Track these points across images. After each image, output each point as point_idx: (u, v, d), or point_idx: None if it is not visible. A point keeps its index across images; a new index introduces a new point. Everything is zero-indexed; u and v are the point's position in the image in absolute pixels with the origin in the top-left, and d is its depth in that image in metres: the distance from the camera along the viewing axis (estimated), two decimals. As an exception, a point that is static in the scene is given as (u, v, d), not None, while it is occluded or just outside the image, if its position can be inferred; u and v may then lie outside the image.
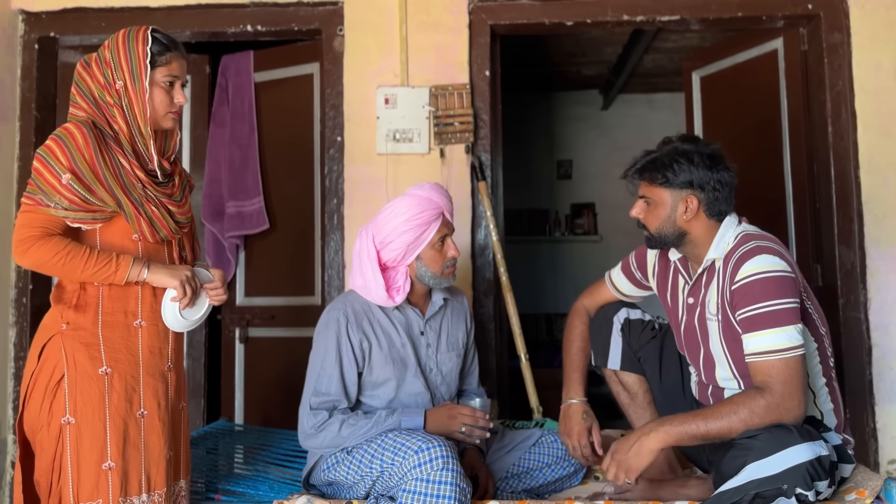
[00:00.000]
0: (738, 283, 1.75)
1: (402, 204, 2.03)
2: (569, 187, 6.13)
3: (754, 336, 1.71)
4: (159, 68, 1.78)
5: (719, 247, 1.85)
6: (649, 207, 1.90)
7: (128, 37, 1.78)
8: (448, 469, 1.75)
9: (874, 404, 2.83)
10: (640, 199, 1.93)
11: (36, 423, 1.71)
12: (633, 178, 1.93)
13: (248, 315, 3.48)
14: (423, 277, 2.08)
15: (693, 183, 1.83)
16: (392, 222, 2.02)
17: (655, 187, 1.87)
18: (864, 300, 2.86)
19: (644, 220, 1.92)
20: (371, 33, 3.01)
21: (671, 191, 1.85)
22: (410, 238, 2.02)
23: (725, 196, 1.85)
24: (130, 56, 1.76)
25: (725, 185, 1.84)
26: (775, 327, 1.69)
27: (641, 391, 2.14)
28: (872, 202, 2.87)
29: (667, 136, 1.93)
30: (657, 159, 1.87)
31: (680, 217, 1.86)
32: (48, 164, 1.67)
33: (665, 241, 1.92)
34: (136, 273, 1.74)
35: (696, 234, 1.87)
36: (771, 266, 1.73)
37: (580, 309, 2.25)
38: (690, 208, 1.84)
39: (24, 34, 3.09)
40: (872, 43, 2.91)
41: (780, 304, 1.70)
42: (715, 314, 1.85)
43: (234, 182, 3.46)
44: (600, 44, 4.82)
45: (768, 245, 1.78)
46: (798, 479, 1.56)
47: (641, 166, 1.90)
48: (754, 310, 1.72)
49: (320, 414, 1.96)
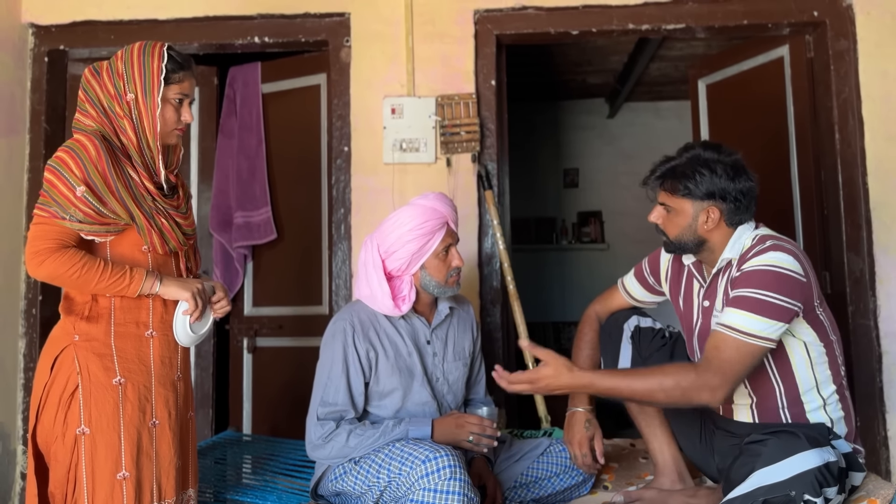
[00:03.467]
0: (742, 271, 1.75)
1: (407, 214, 2.04)
2: (575, 195, 6.13)
3: (731, 311, 1.71)
4: (172, 86, 1.80)
5: (735, 247, 1.84)
6: (669, 215, 1.88)
7: (143, 51, 1.79)
8: (456, 479, 1.75)
9: (885, 412, 2.81)
10: (659, 206, 1.90)
11: (50, 435, 1.72)
12: (653, 186, 1.90)
13: (256, 325, 3.49)
14: (427, 286, 2.09)
15: (715, 194, 1.80)
16: (396, 232, 2.03)
17: (677, 198, 1.84)
18: (873, 307, 2.84)
19: (663, 227, 1.90)
20: (377, 44, 3.03)
21: (693, 202, 1.83)
22: (415, 248, 2.03)
23: (747, 205, 1.83)
24: (144, 70, 1.77)
25: (747, 195, 1.82)
26: (755, 313, 1.68)
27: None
28: (881, 209, 2.86)
29: (689, 143, 1.89)
30: (678, 168, 1.84)
31: (701, 227, 1.84)
32: (62, 175, 1.68)
33: (684, 248, 1.91)
34: (148, 286, 1.75)
35: (715, 241, 1.86)
36: (780, 262, 1.72)
37: (591, 315, 2.23)
38: (712, 218, 1.82)
39: (34, 47, 3.12)
40: (879, 49, 2.91)
41: (771, 296, 1.69)
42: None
43: (241, 192, 3.47)
44: (606, 52, 4.83)
45: (786, 245, 1.77)
46: (806, 486, 1.54)
47: (661, 174, 1.87)
48: (745, 292, 1.71)
49: (327, 424, 1.96)
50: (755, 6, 2.97)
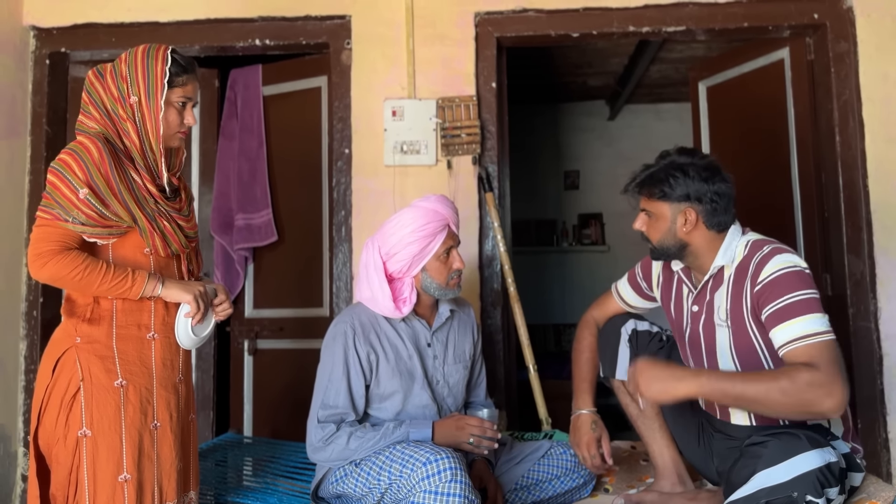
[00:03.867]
0: (762, 282, 1.76)
1: (408, 216, 2.04)
2: (576, 197, 6.14)
3: (787, 325, 1.69)
4: (175, 89, 1.80)
5: (727, 254, 1.87)
6: (651, 220, 1.93)
7: (147, 54, 1.79)
8: (457, 481, 1.75)
9: (886, 414, 2.80)
10: (641, 213, 1.96)
11: (52, 437, 1.72)
12: (633, 193, 1.97)
13: (257, 327, 3.49)
14: (428, 288, 2.09)
15: (690, 196, 1.86)
16: (398, 234, 2.04)
17: (654, 201, 1.91)
18: (873, 309, 2.84)
19: (646, 233, 1.96)
20: (378, 46, 3.03)
21: (670, 204, 1.88)
22: (416, 249, 2.03)
23: (724, 207, 1.87)
24: (148, 73, 1.77)
25: (723, 197, 1.86)
26: (808, 314, 1.68)
27: (650, 402, 2.13)
28: (881, 211, 2.86)
29: (664, 150, 1.96)
30: (654, 174, 1.91)
31: (680, 229, 1.88)
32: (65, 178, 1.67)
33: (668, 253, 1.94)
34: (150, 288, 1.75)
35: (697, 244, 1.89)
36: (791, 262, 1.75)
37: (589, 320, 2.26)
38: (689, 220, 1.87)
39: (35, 50, 3.12)
40: (879, 52, 2.91)
41: (807, 293, 1.70)
42: (724, 321, 1.85)
43: (242, 195, 3.48)
44: (606, 55, 4.83)
45: (783, 246, 1.81)
46: (808, 487, 1.55)
47: (640, 181, 1.94)
48: (782, 302, 1.71)
49: (328, 427, 1.97)
50: (755, 9, 2.97)
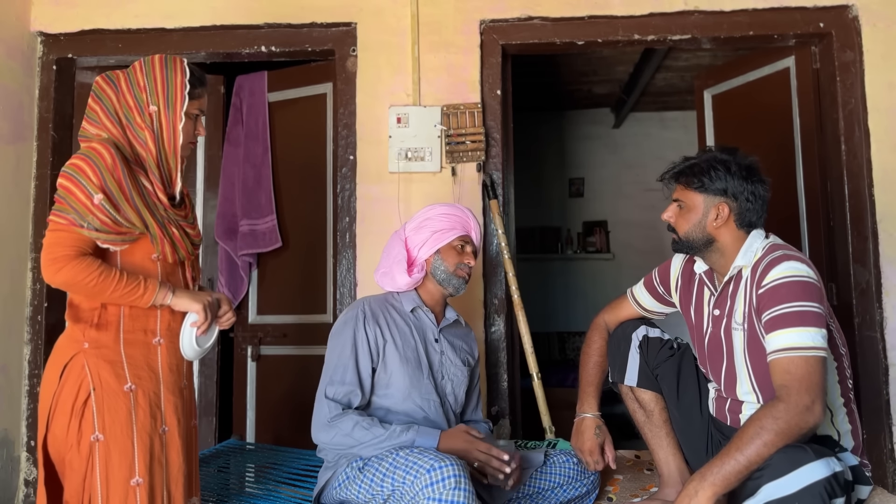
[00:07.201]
0: (766, 286, 1.76)
1: (442, 204, 2.28)
2: (581, 205, 6.13)
3: (778, 334, 1.70)
4: (193, 101, 1.83)
5: (747, 255, 1.86)
6: (681, 211, 1.93)
7: (165, 64, 1.81)
8: (460, 488, 1.74)
9: (892, 425, 2.79)
10: (673, 203, 1.96)
11: (64, 444, 1.71)
12: (668, 182, 1.98)
13: (261, 333, 3.49)
14: (435, 271, 2.20)
15: (727, 191, 1.87)
16: (428, 213, 2.24)
17: (690, 191, 1.91)
18: (879, 319, 2.83)
19: (674, 224, 1.95)
20: (383, 54, 3.04)
21: (705, 196, 1.89)
22: (437, 226, 2.20)
23: (757, 208, 1.88)
24: (168, 84, 1.79)
25: (759, 198, 1.88)
26: (799, 326, 1.68)
27: (657, 409, 2.12)
28: (887, 220, 2.85)
29: (708, 146, 1.96)
30: (696, 164, 1.92)
31: (710, 223, 1.89)
32: (79, 182, 1.67)
33: (692, 247, 1.93)
34: (161, 297, 1.76)
35: (724, 242, 1.89)
36: (799, 271, 1.74)
37: (600, 324, 2.25)
38: (721, 216, 1.87)
39: (42, 55, 3.14)
40: (885, 61, 2.91)
41: (805, 305, 1.70)
42: (741, 323, 1.85)
43: (247, 201, 3.48)
44: (612, 63, 4.84)
45: (797, 254, 1.80)
46: (815, 498, 1.54)
47: (679, 170, 1.95)
48: (779, 309, 1.71)
49: (335, 407, 1.99)
50: (761, 17, 2.97)
